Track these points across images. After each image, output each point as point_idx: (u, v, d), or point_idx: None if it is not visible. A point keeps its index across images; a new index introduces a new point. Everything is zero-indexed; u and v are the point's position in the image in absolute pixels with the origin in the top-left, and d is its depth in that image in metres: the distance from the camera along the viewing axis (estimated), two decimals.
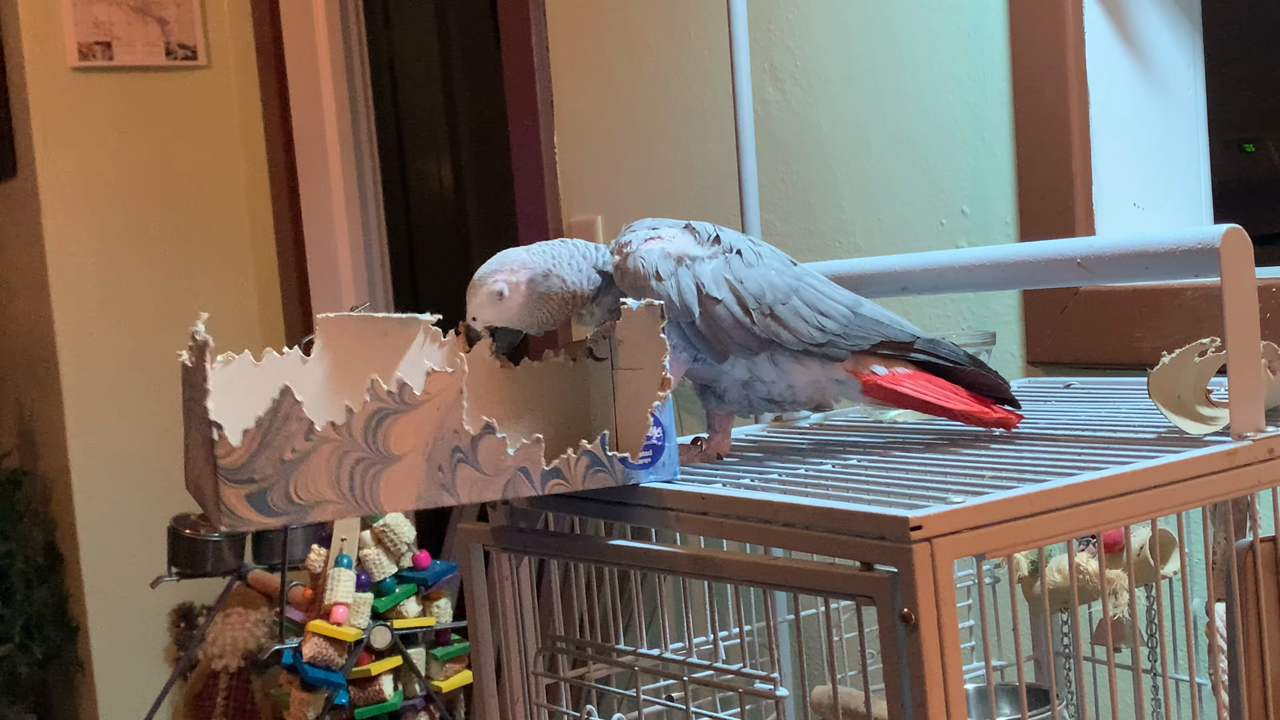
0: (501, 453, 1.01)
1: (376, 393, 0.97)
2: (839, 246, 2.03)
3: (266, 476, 0.95)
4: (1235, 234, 1.06)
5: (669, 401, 1.06)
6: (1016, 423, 1.18)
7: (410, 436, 0.98)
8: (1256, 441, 1.05)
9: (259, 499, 0.95)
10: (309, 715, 2.06)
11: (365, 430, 0.97)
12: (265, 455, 0.95)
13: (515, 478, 1.01)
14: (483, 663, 1.27)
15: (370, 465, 0.98)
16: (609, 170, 2.50)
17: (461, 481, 1.00)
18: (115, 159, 3.67)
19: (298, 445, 0.95)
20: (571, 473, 1.03)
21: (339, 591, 2.07)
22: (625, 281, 1.17)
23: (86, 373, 3.64)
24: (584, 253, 1.20)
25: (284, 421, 0.95)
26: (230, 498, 0.94)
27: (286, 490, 0.95)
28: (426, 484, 0.99)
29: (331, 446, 0.96)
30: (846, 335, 1.17)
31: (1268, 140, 1.93)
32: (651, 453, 1.06)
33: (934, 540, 0.87)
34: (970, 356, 1.21)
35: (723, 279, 1.16)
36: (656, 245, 1.17)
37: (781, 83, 2.09)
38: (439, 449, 0.99)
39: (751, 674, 1.07)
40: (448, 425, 0.99)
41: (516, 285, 1.18)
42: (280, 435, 0.95)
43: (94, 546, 3.64)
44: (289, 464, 0.95)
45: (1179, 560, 1.31)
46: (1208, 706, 1.36)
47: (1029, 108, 1.75)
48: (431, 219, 3.69)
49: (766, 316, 1.15)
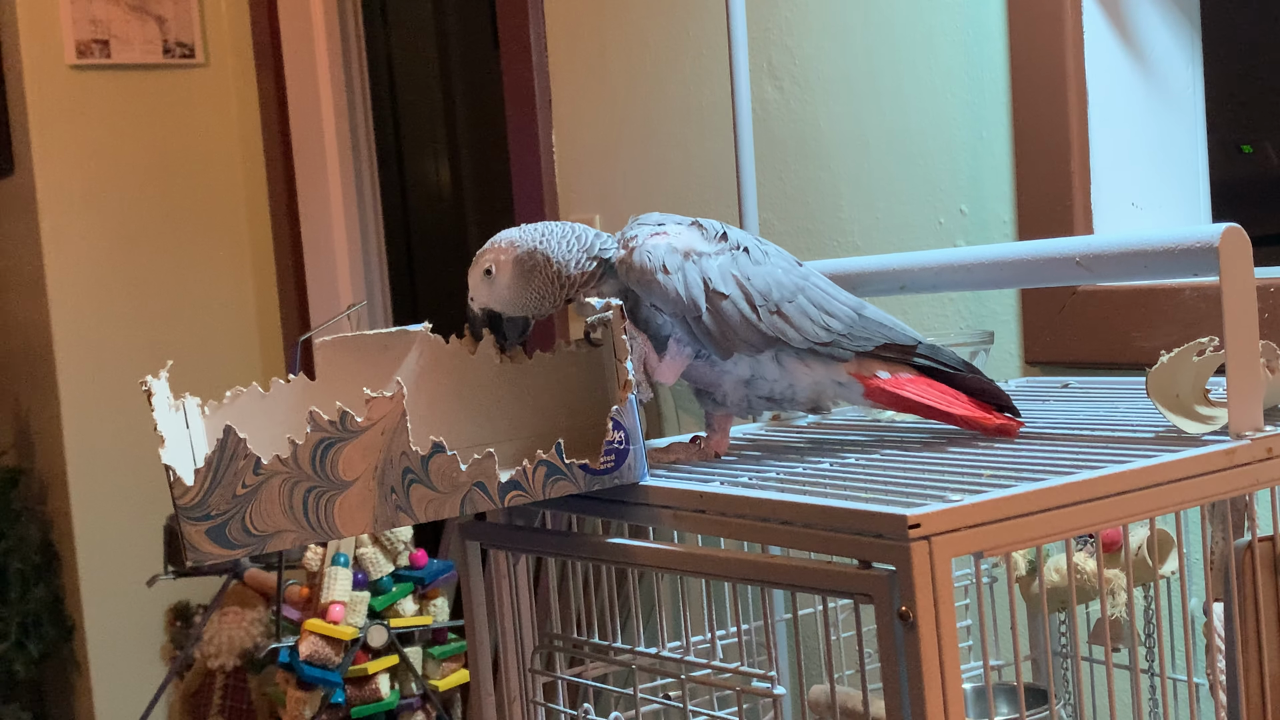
0: (454, 470, 1.02)
1: (318, 423, 0.99)
2: (837, 245, 2.03)
3: (223, 512, 0.99)
4: (1234, 233, 1.05)
5: (632, 404, 1.05)
6: (1017, 430, 1.18)
7: (359, 462, 1.01)
8: (1255, 441, 1.04)
9: (218, 533, 0.99)
10: (305, 714, 2.05)
11: (312, 460, 1.00)
12: (218, 492, 0.98)
13: (471, 493, 1.03)
14: (480, 661, 1.27)
15: (322, 493, 1.00)
16: (607, 169, 2.50)
17: (416, 501, 1.02)
18: (113, 157, 3.67)
19: (247, 480, 0.99)
20: (530, 483, 1.04)
21: (335, 590, 2.06)
22: (631, 276, 1.16)
23: (83, 371, 3.64)
24: (578, 234, 1.20)
25: (231, 459, 0.98)
26: (192, 534, 0.98)
27: (243, 523, 0.99)
28: (381, 506, 1.02)
29: (281, 478, 0.99)
30: (851, 336, 1.17)
31: (1266, 141, 1.93)
32: (614, 457, 1.06)
33: (932, 538, 0.87)
34: (969, 365, 1.21)
35: (730, 275, 1.15)
36: (663, 240, 1.16)
37: (780, 82, 2.09)
38: (389, 472, 1.01)
39: (749, 673, 1.07)
40: (395, 448, 1.01)
41: (504, 264, 1.18)
42: (230, 472, 0.98)
43: (90, 545, 3.64)
44: (242, 498, 0.99)
45: (1177, 560, 1.31)
46: (1206, 707, 1.35)
47: (1027, 107, 1.75)
48: (429, 217, 3.68)
49: (773, 314, 1.15)
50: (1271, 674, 1.10)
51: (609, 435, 1.05)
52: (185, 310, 3.76)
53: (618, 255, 1.18)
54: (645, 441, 1.10)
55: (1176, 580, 1.36)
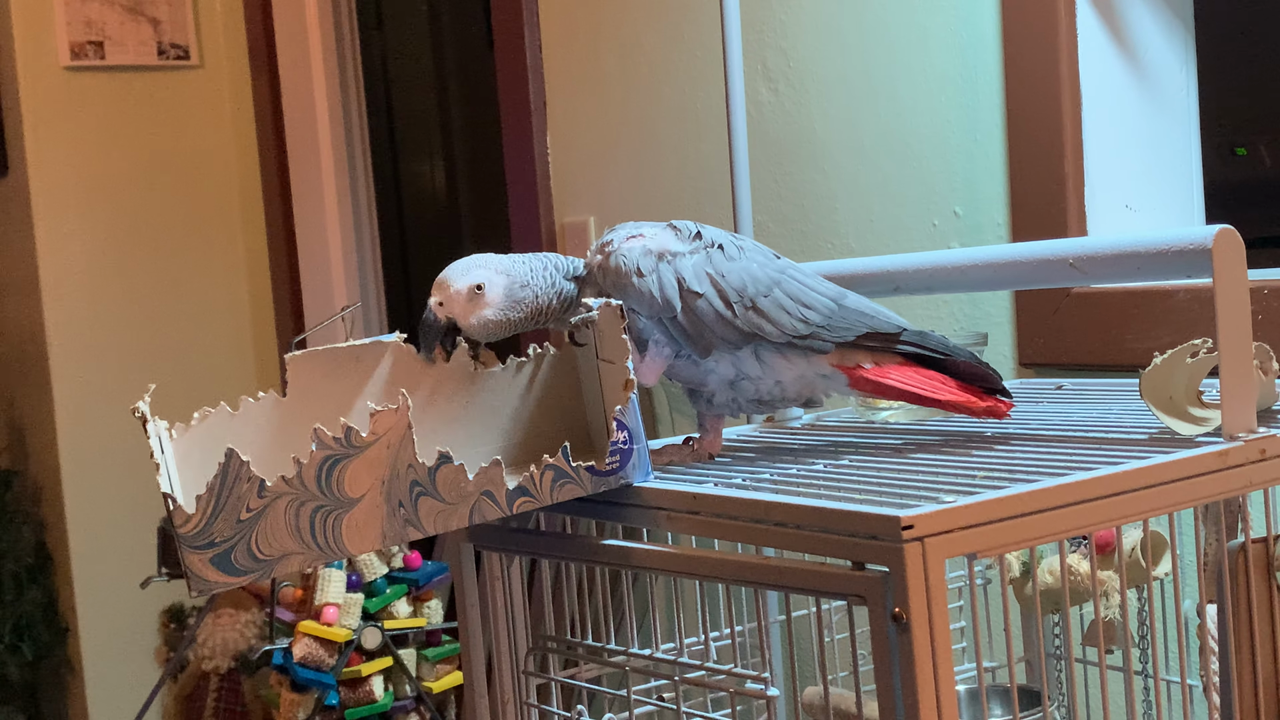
0: (462, 480, 1.00)
1: (323, 440, 0.97)
2: (832, 247, 2.03)
3: (227, 538, 0.96)
4: (1228, 234, 1.06)
5: (634, 404, 1.05)
6: (1006, 411, 1.17)
7: (365, 478, 0.98)
8: (1248, 442, 1.05)
9: (223, 560, 0.96)
10: (299, 716, 2.05)
11: (318, 479, 0.97)
12: (222, 518, 0.95)
13: (480, 502, 1.01)
14: (473, 663, 1.27)
15: (329, 512, 0.98)
16: (602, 171, 2.50)
17: (425, 514, 1.00)
18: (107, 159, 3.66)
19: (252, 504, 0.96)
20: (538, 489, 1.03)
21: (329, 592, 2.06)
22: (608, 280, 1.17)
23: (78, 372, 3.63)
24: (556, 264, 1.20)
25: (234, 482, 0.95)
26: (195, 563, 0.96)
27: (249, 547, 0.96)
28: (390, 522, 0.99)
29: (287, 499, 0.97)
30: (831, 327, 1.17)
31: (1260, 144, 1.93)
32: (619, 458, 1.05)
33: (925, 540, 0.87)
34: (960, 348, 1.21)
35: (704, 273, 1.16)
36: (638, 243, 1.18)
37: (774, 84, 2.09)
38: (396, 486, 0.99)
39: (743, 674, 1.07)
40: (401, 461, 0.99)
41: (496, 285, 1.17)
42: (233, 496, 0.95)
43: (84, 547, 3.63)
44: (247, 522, 0.96)
45: (1170, 561, 1.31)
46: (1199, 708, 1.35)
47: (1022, 109, 1.76)
48: (424, 220, 3.68)
49: (749, 309, 1.15)
50: (1265, 676, 1.10)
51: (613, 435, 1.05)
52: (180, 312, 3.75)
53: (595, 261, 1.19)
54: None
55: (1170, 582, 1.36)
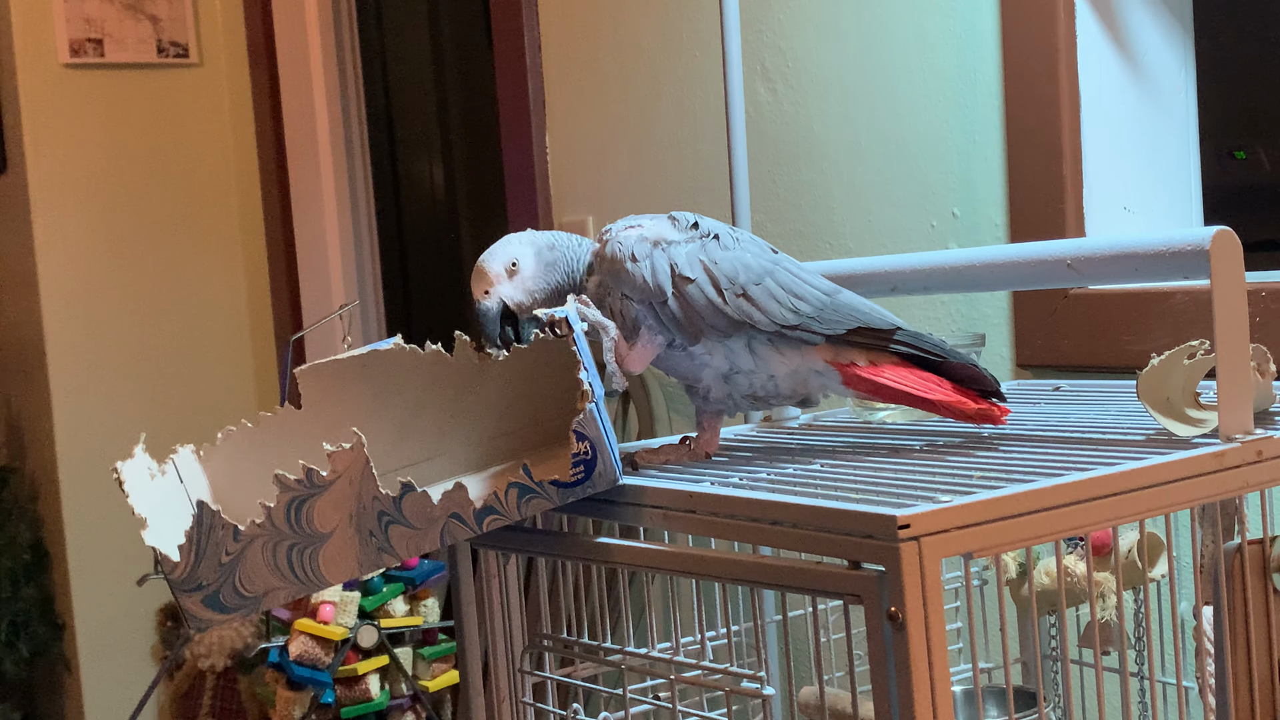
0: (428, 506, 1.03)
1: (285, 484, 1.01)
2: (830, 248, 2.03)
3: (212, 580, 1.01)
4: (1225, 236, 1.06)
5: (596, 410, 1.05)
6: (1000, 416, 1.17)
7: (332, 513, 1.02)
8: (1245, 444, 1.05)
9: (212, 600, 1.02)
10: (295, 714, 2.05)
11: (287, 518, 1.02)
12: (205, 563, 1.01)
13: (449, 524, 1.04)
14: (469, 662, 1.27)
15: (304, 548, 1.02)
16: (600, 170, 2.50)
17: (397, 540, 1.04)
18: (106, 156, 3.66)
19: (229, 548, 1.01)
20: (505, 506, 1.05)
21: (326, 590, 2.06)
22: (604, 267, 1.19)
23: (75, 370, 3.63)
24: (574, 238, 1.24)
25: (210, 530, 1.00)
26: (189, 605, 1.02)
27: (234, 587, 1.02)
28: (364, 550, 1.03)
29: (261, 541, 1.01)
30: (821, 319, 1.17)
31: (1259, 147, 1.93)
32: (582, 468, 1.06)
33: (922, 539, 0.87)
34: (956, 351, 1.21)
35: (697, 260, 1.17)
36: (635, 231, 1.20)
37: (773, 84, 2.10)
38: (365, 518, 1.03)
39: (739, 673, 1.07)
40: (366, 494, 1.02)
41: (526, 256, 1.21)
42: (211, 543, 1.01)
43: (81, 544, 3.63)
44: (227, 565, 1.01)
45: (1167, 563, 1.31)
46: (1195, 710, 1.36)
47: (1020, 110, 1.76)
48: (422, 218, 3.68)
49: (739, 297, 1.16)
50: (1260, 677, 1.10)
51: (574, 448, 1.05)
52: (178, 309, 3.75)
53: (594, 250, 1.22)
54: (637, 442, 1.10)
55: (1166, 583, 1.36)
